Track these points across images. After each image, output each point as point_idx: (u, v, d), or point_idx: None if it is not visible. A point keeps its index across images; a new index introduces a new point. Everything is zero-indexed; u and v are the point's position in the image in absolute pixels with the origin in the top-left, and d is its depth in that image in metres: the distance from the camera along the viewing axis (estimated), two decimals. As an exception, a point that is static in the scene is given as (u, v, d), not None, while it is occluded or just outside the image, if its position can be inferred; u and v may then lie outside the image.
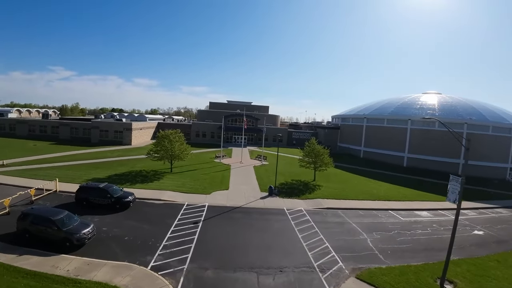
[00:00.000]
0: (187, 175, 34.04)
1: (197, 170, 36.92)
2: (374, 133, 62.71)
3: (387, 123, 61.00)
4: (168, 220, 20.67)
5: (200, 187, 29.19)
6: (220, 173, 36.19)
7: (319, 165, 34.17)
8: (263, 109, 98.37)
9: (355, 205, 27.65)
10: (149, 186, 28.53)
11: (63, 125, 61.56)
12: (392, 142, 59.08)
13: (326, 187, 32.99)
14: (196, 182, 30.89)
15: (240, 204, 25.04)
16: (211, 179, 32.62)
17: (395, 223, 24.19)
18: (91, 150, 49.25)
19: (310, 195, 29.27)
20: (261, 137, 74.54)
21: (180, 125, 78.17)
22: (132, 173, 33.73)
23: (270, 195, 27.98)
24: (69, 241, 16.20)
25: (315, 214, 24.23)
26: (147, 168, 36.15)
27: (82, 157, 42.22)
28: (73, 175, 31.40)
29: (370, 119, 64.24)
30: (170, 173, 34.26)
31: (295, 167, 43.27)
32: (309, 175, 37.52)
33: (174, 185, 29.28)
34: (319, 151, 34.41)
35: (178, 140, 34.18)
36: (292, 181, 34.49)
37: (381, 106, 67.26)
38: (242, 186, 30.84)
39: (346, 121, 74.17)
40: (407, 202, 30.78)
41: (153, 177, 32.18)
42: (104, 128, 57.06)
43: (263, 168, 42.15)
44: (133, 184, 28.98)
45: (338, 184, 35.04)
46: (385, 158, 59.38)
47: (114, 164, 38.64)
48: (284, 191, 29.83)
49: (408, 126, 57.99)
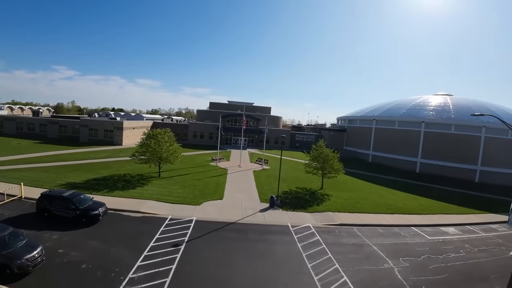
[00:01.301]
0: (177, 180, 29.81)
1: (189, 175, 32.67)
2: (384, 136, 58.34)
3: (398, 125, 56.61)
4: (142, 240, 16.45)
5: (189, 196, 24.95)
6: (215, 179, 31.93)
7: (328, 172, 29.79)
8: (265, 110, 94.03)
9: (373, 220, 23.35)
10: (129, 193, 24.36)
11: (52, 123, 57.69)
12: (404, 146, 54.75)
13: (336, 197, 28.66)
14: (186, 190, 26.64)
15: (235, 218, 20.75)
16: (203, 186, 28.36)
17: (422, 245, 19.95)
18: (77, 150, 45.29)
19: (319, 207, 24.94)
20: (262, 138, 70.31)
21: (177, 125, 74.18)
22: (114, 177, 29.59)
23: (271, 207, 23.68)
24: (8, 268, 12.22)
25: (327, 233, 19.88)
26: (132, 172, 32.00)
27: (65, 158, 38.23)
28: (46, 179, 27.38)
29: (379, 121, 59.85)
30: (158, 178, 30.06)
31: (300, 173, 38.99)
32: (316, 182, 33.22)
33: (159, 193, 25.07)
34: (328, 155, 30.11)
35: (167, 141, 29.95)
36: (297, 190, 30.18)
37: (391, 107, 62.95)
38: (239, 194, 26.56)
39: (353, 123, 69.78)
40: (429, 215, 26.58)
41: (137, 182, 28.01)
42: (93, 127, 53.05)
43: (264, 173, 37.88)
44: (112, 191, 24.84)
45: (349, 193, 30.71)
46: (396, 163, 55.00)
47: (98, 166, 34.56)
48: (288, 202, 25.53)
49: (422, 129, 53.69)
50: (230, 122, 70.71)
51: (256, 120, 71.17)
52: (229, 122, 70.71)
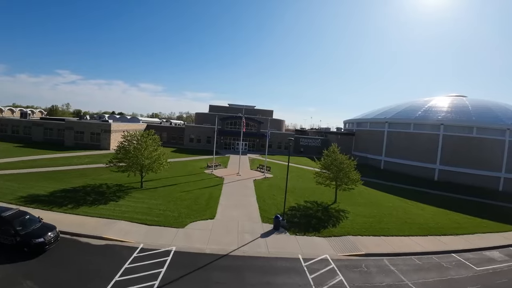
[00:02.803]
0: (161, 193, 24.80)
1: (177, 186, 27.61)
2: (398, 140, 53.28)
3: (414, 128, 51.58)
4: (94, 284, 11.52)
5: (173, 214, 19.91)
6: (208, 191, 26.84)
7: (343, 183, 24.71)
8: (267, 113, 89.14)
9: (405, 246, 18.29)
10: (98, 211, 19.45)
11: (36, 125, 53.14)
12: (421, 151, 49.71)
13: (354, 213, 23.58)
14: (170, 205, 21.62)
15: (228, 248, 15.68)
16: (192, 200, 23.29)
17: (472, 280, 15.24)
18: (58, 155, 40.61)
19: (335, 229, 19.85)
20: (264, 143, 65.36)
21: (173, 128, 69.59)
22: (87, 188, 24.75)
23: (276, 230, 18.61)
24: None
25: (351, 270, 14.78)
26: (111, 182, 27.16)
27: (42, 164, 33.52)
28: (7, 189, 22.73)
29: (393, 123, 54.80)
30: (139, 190, 25.12)
31: (308, 182, 34.00)
32: (328, 194, 28.23)
33: (135, 210, 20.12)
34: (343, 162, 25.09)
35: (150, 145, 25.06)
36: (306, 204, 25.11)
37: (404, 109, 57.95)
38: (235, 212, 21.47)
39: (362, 126, 64.74)
40: (466, 236, 21.76)
41: (112, 195, 23.11)
42: (79, 130, 48.32)
43: (266, 182, 32.78)
44: (77, 206, 19.97)
45: (369, 209, 25.64)
46: (412, 170, 49.90)
47: (74, 174, 29.79)
48: (296, 222, 20.45)
49: (440, 132, 48.76)
50: (229, 125, 65.89)
51: (257, 123, 66.33)
52: (229, 125, 65.90)
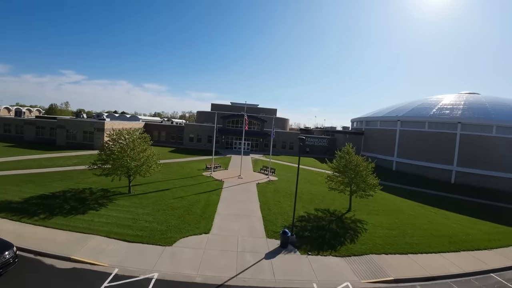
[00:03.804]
0: (151, 199, 21.66)
1: (170, 191, 24.45)
2: (411, 139, 49.73)
3: (429, 127, 48.00)
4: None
5: (161, 227, 16.77)
6: (205, 197, 23.64)
7: (360, 189, 21.36)
8: (271, 112, 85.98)
9: (437, 266, 14.98)
10: (73, 222, 16.42)
11: (28, 124, 50.48)
12: (436, 151, 46.21)
13: (373, 224, 20.28)
14: (159, 216, 18.48)
15: (224, 275, 12.44)
16: (186, 209, 20.08)
17: None
18: (46, 155, 37.86)
19: (354, 245, 16.56)
20: (268, 142, 62.16)
21: (172, 127, 66.64)
22: (68, 193, 21.77)
23: (283, 247, 15.38)
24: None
25: (382, 305, 11.60)
26: (97, 185, 24.16)
27: (26, 165, 30.69)
28: (-25, 195, 19.80)
29: (405, 122, 51.22)
30: (126, 196, 22.03)
31: (316, 186, 30.79)
32: (340, 199, 25.03)
33: (117, 221, 17.04)
34: (359, 165, 21.79)
35: (139, 145, 21.93)
36: (317, 213, 21.83)
37: (417, 107, 54.36)
38: (235, 224, 18.22)
39: (372, 124, 61.15)
40: (501, 250, 18.44)
41: (93, 202, 20.07)
42: (71, 129, 45.51)
43: (271, 187, 29.42)
44: (51, 216, 16.99)
45: (388, 218, 22.33)
46: (426, 172, 46.45)
47: (58, 176, 26.88)
48: (307, 236, 17.20)
49: (458, 131, 45.21)
50: (231, 124, 62.75)
51: (260, 122, 63.11)
52: (231, 124, 62.78)
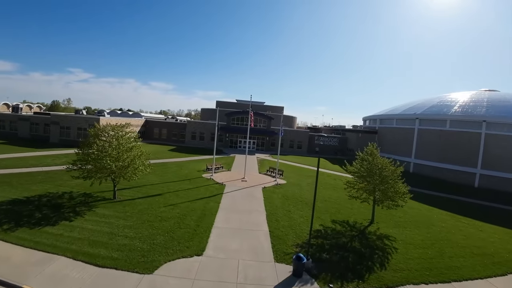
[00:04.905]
0: (138, 207, 18.41)
1: (162, 196, 21.09)
2: (431, 139, 45.69)
3: (450, 126, 43.92)
4: None
5: (142, 245, 13.46)
6: (202, 204, 20.20)
7: (387, 198, 17.72)
8: (277, 109, 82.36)
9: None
10: (38, 236, 13.33)
11: (22, 120, 48.15)
12: (458, 152, 42.20)
13: (403, 241, 16.67)
14: (143, 229, 15.19)
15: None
16: (177, 221, 16.74)
17: None
18: (37, 153, 35.25)
19: (386, 272, 12.99)
20: (274, 141, 58.73)
21: (173, 124, 63.76)
22: (44, 198, 18.77)
23: (297, 276, 11.90)
24: None
25: None
26: (78, 189, 21.07)
27: (11, 164, 27.97)
28: None
29: (424, 120, 47.17)
30: (110, 202, 18.88)
31: (330, 190, 27.36)
32: (357, 207, 21.56)
33: (90, 237, 13.85)
34: (386, 168, 18.18)
35: (124, 143, 18.68)
36: (335, 226, 18.30)
37: (436, 104, 50.21)
38: (236, 242, 14.69)
39: (386, 123, 57.11)
40: None
41: (70, 210, 16.98)
42: (65, 125, 42.85)
43: (279, 191, 25.75)
44: (14, 228, 13.99)
45: (417, 231, 18.69)
46: (447, 174, 42.48)
47: (39, 177, 24.00)
48: (326, 259, 13.68)
49: (483, 131, 41.15)
50: (236, 121, 59.45)
51: (267, 119, 59.65)
52: (235, 121, 59.48)
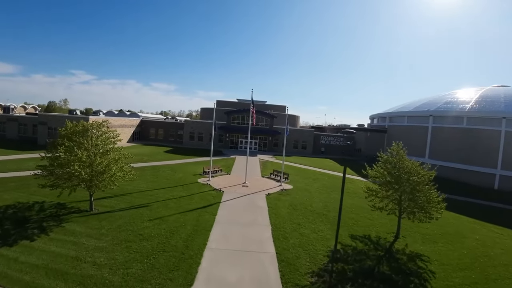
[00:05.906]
0: (117, 222, 15.24)
1: (148, 208, 17.91)
2: (445, 138, 42.47)
3: (467, 123, 40.72)
4: None
5: (113, 278, 10.34)
6: (194, 217, 16.94)
7: (419, 208, 14.55)
8: (280, 109, 79.11)
9: None
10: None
11: (11, 121, 45.41)
12: (475, 152, 39.13)
13: (439, 261, 13.57)
14: (117, 253, 12.07)
15: None
16: (162, 241, 13.56)
17: None
18: (20, 156, 32.64)
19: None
20: (277, 141, 55.66)
21: (170, 123, 60.90)
22: (10, 209, 15.81)
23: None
24: None
25: None
26: (52, 198, 18.02)
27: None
28: None
29: (439, 117, 43.93)
30: (85, 214, 15.83)
31: (344, 196, 24.07)
32: (379, 217, 18.44)
33: (49, 263, 10.81)
34: (413, 172, 15.08)
35: (99, 144, 15.64)
36: (355, 243, 15.08)
37: (449, 100, 47.01)
38: (234, 270, 11.50)
39: (397, 121, 53.82)
40: None
41: (36, 225, 13.97)
42: (53, 125, 39.99)
43: (285, 199, 22.31)
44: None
45: (451, 247, 15.62)
46: (464, 176, 39.28)
47: (13, 184, 21.18)
48: (349, 292, 10.73)
49: (503, 128, 38.13)
50: (236, 120, 56.43)
51: (270, 118, 56.54)
52: (236, 120, 56.47)
